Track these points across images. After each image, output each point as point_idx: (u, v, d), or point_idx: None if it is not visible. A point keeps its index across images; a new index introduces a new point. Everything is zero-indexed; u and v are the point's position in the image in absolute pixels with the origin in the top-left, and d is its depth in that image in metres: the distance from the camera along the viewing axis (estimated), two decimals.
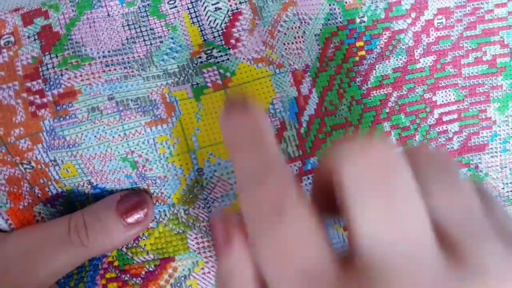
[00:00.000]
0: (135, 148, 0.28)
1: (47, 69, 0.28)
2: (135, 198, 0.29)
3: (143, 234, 0.31)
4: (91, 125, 0.28)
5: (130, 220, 0.28)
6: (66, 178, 0.29)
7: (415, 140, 0.34)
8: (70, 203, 0.30)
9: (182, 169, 0.29)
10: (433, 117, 0.35)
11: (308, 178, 0.30)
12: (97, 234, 0.28)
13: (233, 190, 0.29)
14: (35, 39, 0.29)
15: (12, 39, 0.29)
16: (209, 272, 0.31)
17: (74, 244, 0.27)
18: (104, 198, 0.29)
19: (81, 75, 0.28)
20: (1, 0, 0.32)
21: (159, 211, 0.30)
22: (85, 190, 0.30)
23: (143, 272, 0.31)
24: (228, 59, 0.29)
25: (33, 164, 0.28)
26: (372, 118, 0.33)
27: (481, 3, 0.35)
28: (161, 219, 0.30)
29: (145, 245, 0.31)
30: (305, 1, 0.31)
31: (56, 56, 0.28)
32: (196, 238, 0.31)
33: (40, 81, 0.28)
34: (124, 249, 0.31)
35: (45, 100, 0.28)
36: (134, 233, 0.29)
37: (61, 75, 0.28)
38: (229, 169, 0.29)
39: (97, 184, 0.30)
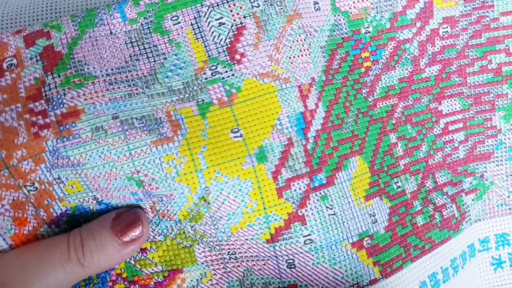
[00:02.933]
0: (141, 168, 0.27)
1: (50, 89, 0.27)
2: (130, 216, 0.28)
3: (150, 246, 0.30)
4: (96, 145, 0.26)
5: (125, 238, 0.27)
6: (71, 194, 0.28)
7: (422, 150, 0.33)
8: (75, 220, 0.29)
9: (189, 187, 0.27)
10: (439, 126, 0.33)
11: (316, 195, 0.29)
12: (93, 253, 0.27)
13: (240, 208, 0.28)
14: (37, 60, 0.27)
15: (14, 61, 0.27)
16: (217, 283, 0.30)
17: (73, 262, 0.27)
18: (101, 216, 0.28)
19: (84, 94, 0.27)
20: (1, 2, 0.31)
21: (166, 226, 0.29)
22: (90, 206, 0.29)
23: (152, 283, 0.30)
24: (233, 74, 0.28)
25: (36, 185, 0.27)
26: (379, 129, 0.32)
27: (487, 11, 0.34)
28: (168, 233, 0.29)
29: (153, 257, 0.30)
30: (310, 13, 0.30)
31: (59, 76, 0.27)
32: (203, 251, 0.30)
33: (42, 101, 0.27)
34: (132, 261, 0.30)
35: (47, 120, 0.26)
36: (130, 251, 0.28)
37: (64, 94, 0.27)
38: (236, 188, 0.28)
39: (102, 200, 0.28)
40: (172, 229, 0.29)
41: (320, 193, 0.29)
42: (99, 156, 0.26)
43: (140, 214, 0.28)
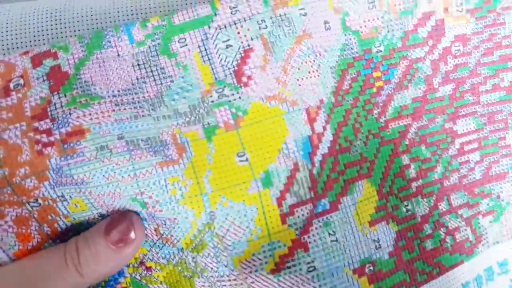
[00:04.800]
0: (145, 189, 0.26)
1: (55, 108, 0.27)
2: (121, 219, 0.27)
3: (155, 266, 0.29)
4: (100, 164, 0.26)
5: (119, 243, 0.27)
6: (75, 212, 0.27)
7: (436, 172, 0.31)
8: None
9: (193, 212, 0.27)
10: (454, 147, 0.32)
11: (319, 222, 0.28)
12: (89, 261, 0.26)
13: (246, 236, 0.27)
14: (44, 80, 0.27)
15: (21, 81, 0.27)
16: None
17: (71, 271, 0.26)
18: (96, 223, 0.28)
19: (90, 114, 0.26)
20: (4, 10, 0.31)
21: (168, 251, 0.29)
22: (96, 222, 0.28)
23: None
24: (240, 97, 0.27)
25: (40, 201, 0.27)
26: (390, 151, 0.30)
27: (498, 28, 0.33)
28: (170, 259, 0.29)
29: (158, 276, 0.29)
30: (321, 33, 0.29)
31: (65, 95, 0.27)
32: (203, 285, 0.29)
33: (48, 120, 0.26)
34: (138, 277, 0.29)
35: (52, 138, 0.26)
36: (125, 256, 0.27)
37: (70, 113, 0.26)
38: (241, 213, 0.27)
39: (108, 215, 0.28)
40: (175, 256, 0.29)
41: (323, 219, 0.28)
42: (103, 175, 0.26)
43: (132, 217, 0.28)
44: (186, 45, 0.28)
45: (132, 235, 0.27)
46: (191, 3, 0.31)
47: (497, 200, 0.34)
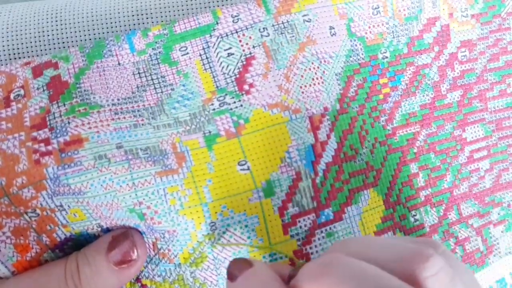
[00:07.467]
0: (144, 199, 0.26)
1: (54, 117, 0.26)
2: (124, 239, 0.27)
3: (151, 285, 0.28)
4: (98, 173, 0.25)
5: (121, 264, 0.26)
6: (74, 222, 0.27)
7: (446, 180, 0.30)
8: (80, 245, 0.28)
9: (193, 222, 0.26)
10: (464, 155, 0.31)
11: (322, 232, 0.27)
12: (89, 279, 0.26)
13: (246, 246, 0.26)
14: (43, 90, 0.26)
15: (22, 92, 0.27)
16: None
17: None
18: (97, 239, 0.27)
19: (88, 123, 0.26)
20: (5, 11, 0.30)
21: (164, 268, 0.28)
22: (95, 233, 0.27)
23: None
24: (241, 105, 0.27)
25: (38, 211, 0.26)
26: (398, 159, 0.29)
27: (503, 33, 0.32)
28: (166, 277, 0.28)
29: None
30: (326, 38, 0.29)
31: (64, 104, 0.26)
32: None
33: (46, 130, 0.26)
34: None
35: (50, 147, 0.25)
36: (126, 276, 0.26)
37: (68, 122, 0.26)
38: (242, 224, 0.26)
39: (107, 227, 0.27)
40: (171, 273, 0.28)
41: (326, 230, 0.27)
42: (101, 185, 0.25)
43: (135, 238, 0.27)
44: (187, 53, 0.27)
45: (135, 255, 0.26)
46: (191, 5, 0.30)
47: (508, 209, 0.32)
